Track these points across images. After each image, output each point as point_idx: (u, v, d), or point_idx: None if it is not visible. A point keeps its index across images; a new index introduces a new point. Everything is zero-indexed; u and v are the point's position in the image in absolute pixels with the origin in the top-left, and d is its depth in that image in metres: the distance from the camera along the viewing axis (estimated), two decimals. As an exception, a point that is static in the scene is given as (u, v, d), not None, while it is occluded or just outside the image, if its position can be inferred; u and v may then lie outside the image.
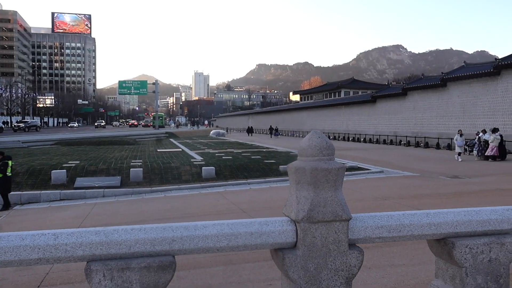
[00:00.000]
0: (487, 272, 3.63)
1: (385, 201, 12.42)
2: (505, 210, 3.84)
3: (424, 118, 46.45)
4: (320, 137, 3.42)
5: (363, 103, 59.94)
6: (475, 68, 41.18)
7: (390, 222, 3.50)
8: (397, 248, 7.51)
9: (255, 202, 13.34)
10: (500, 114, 36.40)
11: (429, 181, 17.07)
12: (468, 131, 37.02)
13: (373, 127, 56.17)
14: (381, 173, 19.93)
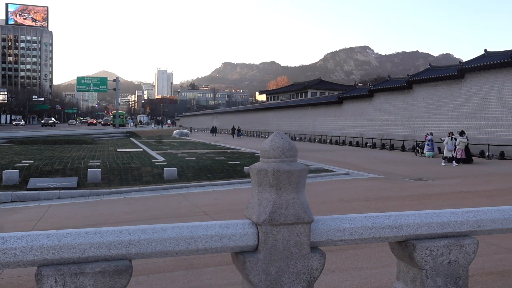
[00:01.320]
0: (446, 274, 3.65)
1: (350, 204, 12.52)
2: (465, 212, 3.88)
3: (390, 120, 47.28)
4: (283, 138, 3.36)
5: (329, 104, 60.54)
6: (440, 71, 42.22)
7: (352, 225, 3.48)
8: (362, 251, 7.56)
9: (218, 204, 13.22)
10: (464, 117, 37.41)
11: (394, 183, 17.34)
12: (434, 133, 37.92)
13: (340, 129, 56.81)
14: (346, 175, 20.12)
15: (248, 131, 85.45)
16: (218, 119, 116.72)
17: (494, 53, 36.86)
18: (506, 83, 33.67)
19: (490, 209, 4.03)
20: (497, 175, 20.06)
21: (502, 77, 34.04)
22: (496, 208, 4.07)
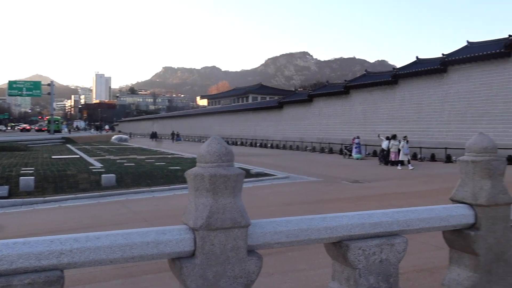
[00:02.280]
0: (378, 272, 3.79)
1: (289, 207, 12.71)
2: (395, 212, 4.05)
3: (328, 125, 48.46)
4: (220, 143, 3.37)
5: (270, 109, 61.23)
6: (375, 76, 43.83)
7: (289, 227, 3.54)
8: (300, 253, 7.68)
9: (158, 210, 13.01)
10: (398, 121, 39.01)
11: (332, 186, 17.79)
12: (369, 137, 39.27)
13: (281, 133, 57.55)
14: (287, 179, 20.42)
15: (189, 136, 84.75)
16: (159, 124, 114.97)
17: (425, 60, 38.77)
18: (436, 88, 35.48)
19: (418, 209, 4.23)
20: (429, 177, 21.06)
21: (433, 83, 35.85)
22: (424, 208, 4.29)
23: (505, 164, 4.48)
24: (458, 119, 33.37)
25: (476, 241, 4.25)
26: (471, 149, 4.48)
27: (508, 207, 4.42)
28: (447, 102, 34.45)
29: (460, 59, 33.11)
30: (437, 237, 8.45)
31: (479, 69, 32.10)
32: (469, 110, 32.60)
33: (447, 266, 4.66)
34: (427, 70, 35.87)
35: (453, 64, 33.96)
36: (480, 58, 31.62)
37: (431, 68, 35.49)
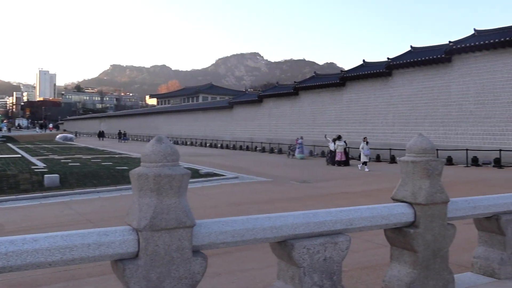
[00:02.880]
0: (322, 270, 3.87)
1: (238, 207, 12.73)
2: (339, 211, 4.15)
3: (278, 125, 48.91)
4: (165, 142, 3.33)
5: (221, 109, 61.13)
6: (324, 78, 44.68)
7: (234, 227, 3.55)
8: (248, 252, 7.71)
9: (104, 211, 12.69)
10: (345, 122, 39.93)
11: (281, 186, 17.96)
12: (318, 138, 39.96)
13: (231, 133, 57.55)
14: (236, 179, 20.44)
15: (138, 135, 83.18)
16: (106, 123, 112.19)
17: (371, 64, 39.90)
18: (382, 91, 36.61)
19: (361, 208, 4.35)
20: (374, 176, 21.67)
21: (378, 85, 36.96)
22: (366, 207, 4.41)
23: (443, 164, 4.68)
24: (402, 121, 34.56)
25: (415, 238, 4.42)
26: (411, 150, 4.65)
27: (445, 206, 4.62)
28: (392, 105, 35.61)
29: (404, 63, 34.32)
30: (381, 235, 8.70)
31: (421, 73, 33.39)
32: (412, 112, 33.83)
33: (389, 263, 4.82)
34: (373, 73, 36.95)
35: (397, 68, 35.15)
36: (422, 62, 32.91)
37: (377, 72, 36.59)
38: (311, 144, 41.37)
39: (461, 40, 31.38)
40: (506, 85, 27.93)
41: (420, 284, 4.43)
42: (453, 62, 31.24)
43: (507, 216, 5.18)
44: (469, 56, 30.24)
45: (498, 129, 28.15)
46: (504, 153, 26.33)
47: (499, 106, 28.24)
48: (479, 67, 29.59)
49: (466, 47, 29.96)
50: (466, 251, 6.90)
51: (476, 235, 5.54)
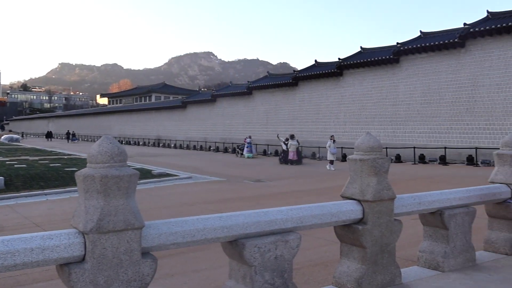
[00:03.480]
0: (273, 268, 3.89)
1: (191, 207, 12.64)
2: (289, 210, 4.19)
3: (232, 125, 48.90)
4: (112, 142, 3.25)
5: (174, 109, 60.47)
6: (277, 78, 45.03)
7: (184, 228, 3.51)
8: (202, 253, 7.67)
9: (52, 214, 12.28)
10: (298, 121, 40.40)
11: (234, 185, 17.97)
12: (271, 137, 40.24)
13: (184, 133, 57.06)
14: (189, 179, 20.29)
15: (88, 136, 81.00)
16: (55, 124, 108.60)
17: (323, 64, 40.57)
18: (333, 91, 37.31)
19: (311, 206, 4.41)
20: (326, 175, 22.07)
21: (330, 85, 37.63)
22: (316, 204, 4.48)
23: (389, 162, 4.82)
24: (353, 120, 35.35)
25: (364, 234, 4.53)
26: (359, 148, 4.77)
27: (392, 202, 4.76)
28: (343, 104, 36.35)
29: (354, 64, 35.11)
30: (332, 232, 8.86)
31: (371, 73, 34.27)
32: (362, 112, 34.67)
33: (339, 259, 4.92)
34: (325, 73, 37.59)
35: (348, 68, 35.92)
36: (372, 63, 33.77)
37: (329, 72, 37.26)
38: (264, 143, 41.66)
39: (408, 41, 32.43)
40: (450, 85, 29.10)
41: (369, 279, 4.55)
42: (401, 63, 32.25)
43: (450, 211, 5.39)
44: (416, 57, 31.30)
45: (443, 127, 29.30)
46: (449, 151, 27.44)
47: (444, 105, 29.39)
48: (425, 68, 30.69)
49: (413, 48, 30.99)
50: (413, 245, 7.13)
51: (422, 230, 5.74)
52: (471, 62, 28.13)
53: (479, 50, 27.76)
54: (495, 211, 6.16)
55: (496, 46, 26.95)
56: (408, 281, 4.93)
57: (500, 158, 6.25)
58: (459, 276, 5.12)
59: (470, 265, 5.52)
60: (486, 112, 27.09)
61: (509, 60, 26.26)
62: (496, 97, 26.66)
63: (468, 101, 28.09)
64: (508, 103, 26.09)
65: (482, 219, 6.66)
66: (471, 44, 28.18)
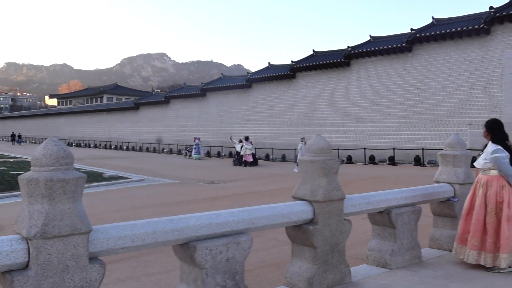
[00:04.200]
0: (225, 270, 3.90)
1: (143, 210, 12.44)
2: (241, 211, 4.20)
3: (186, 126, 48.52)
4: (57, 145, 3.16)
5: (126, 110, 59.39)
6: (231, 80, 45.06)
7: (134, 231, 3.45)
8: (154, 256, 7.56)
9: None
10: (252, 123, 40.57)
11: (188, 188, 17.84)
12: (225, 138, 40.20)
13: (137, 135, 56.14)
14: (142, 182, 19.98)
15: (36, 138, 78.15)
16: (0, 125, 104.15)
17: (276, 66, 40.95)
18: (287, 93, 37.71)
19: (262, 207, 4.44)
20: (279, 176, 22.28)
21: (283, 87, 38.02)
22: (268, 206, 4.52)
23: (339, 163, 4.93)
24: (306, 122, 35.86)
25: (314, 234, 4.61)
26: (310, 149, 4.84)
27: (341, 202, 4.87)
28: (296, 106, 36.81)
29: (307, 66, 35.64)
30: (285, 233, 9.01)
31: (323, 76, 34.89)
32: (315, 114, 35.23)
33: (291, 259, 4.97)
34: (278, 75, 37.95)
35: (301, 71, 36.42)
36: (324, 66, 34.39)
37: (282, 74, 37.64)
38: (218, 145, 41.59)
39: (358, 45, 33.24)
40: (398, 88, 30.05)
41: (319, 278, 4.63)
42: (352, 66, 33.00)
43: (397, 210, 5.56)
44: (366, 60, 32.12)
45: (392, 129, 30.21)
46: (397, 151, 28.33)
47: (392, 108, 30.31)
48: (375, 71, 31.55)
49: (363, 52, 31.79)
50: (363, 244, 7.31)
51: (371, 229, 5.89)
52: (417, 66, 29.17)
53: (425, 55, 28.82)
54: (439, 209, 6.41)
55: (440, 51, 28.07)
56: (357, 279, 5.05)
57: (443, 158, 6.51)
58: (406, 273, 5.30)
59: (416, 262, 5.71)
60: (432, 114, 28.15)
61: (452, 64, 27.41)
62: (441, 99, 27.75)
63: (415, 104, 29.10)
64: (452, 105, 27.22)
65: (427, 217, 6.92)
66: (417, 48, 29.22)
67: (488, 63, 25.88)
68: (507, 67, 25.00)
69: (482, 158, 5.55)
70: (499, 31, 25.45)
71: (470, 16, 28.09)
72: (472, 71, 26.49)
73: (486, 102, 25.81)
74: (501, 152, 5.37)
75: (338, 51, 35.22)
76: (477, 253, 5.31)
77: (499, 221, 5.27)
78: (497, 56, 25.47)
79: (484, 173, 5.52)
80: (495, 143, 5.47)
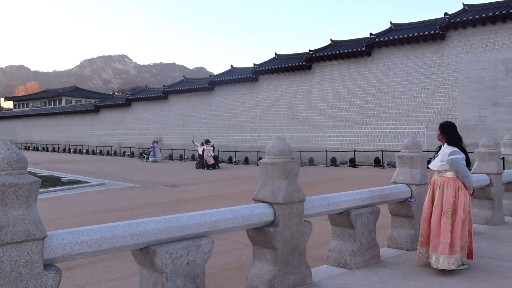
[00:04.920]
0: (185, 274, 3.87)
1: (104, 215, 12.21)
2: (201, 214, 4.18)
3: (147, 129, 47.91)
4: (10, 148, 3.07)
5: (86, 113, 58.14)
6: (193, 82, 44.78)
7: (91, 237, 3.39)
8: (114, 261, 7.44)
9: None
10: (214, 126, 40.45)
11: (150, 191, 17.61)
12: (187, 141, 39.93)
13: (97, 138, 55.04)
14: (102, 186, 19.61)
15: (-10, 141, 75.31)
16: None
17: (239, 69, 40.99)
18: (249, 96, 37.81)
19: (223, 210, 4.44)
20: (242, 179, 22.29)
21: (246, 90, 38.10)
22: (228, 208, 4.52)
23: (299, 165, 4.98)
24: (268, 124, 36.05)
25: (275, 236, 4.64)
26: (270, 152, 4.87)
27: (302, 204, 4.92)
28: (259, 109, 36.95)
29: (269, 69, 35.85)
30: (247, 235, 9.04)
31: (285, 79, 35.17)
32: (277, 116, 35.46)
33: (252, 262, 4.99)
34: (241, 78, 37.99)
35: (263, 74, 36.59)
36: (286, 69, 34.67)
37: (245, 77, 37.71)
38: (181, 148, 41.26)
39: (320, 49, 33.67)
40: (358, 91, 30.63)
41: (280, 280, 4.66)
42: (313, 69, 33.41)
43: (356, 211, 5.67)
44: (327, 64, 32.59)
45: (353, 131, 30.76)
46: (358, 154, 28.85)
47: (353, 111, 30.86)
48: (336, 75, 32.05)
49: (324, 55, 32.24)
50: (325, 245, 7.40)
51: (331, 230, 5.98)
52: (377, 70, 29.82)
53: (384, 59, 29.50)
54: (397, 210, 6.57)
55: (398, 55, 28.81)
56: (318, 279, 5.11)
57: (400, 160, 6.68)
58: (365, 272, 5.40)
59: (375, 261, 5.83)
60: (391, 117, 28.82)
61: (410, 68, 28.17)
62: (399, 102, 28.47)
63: (375, 107, 29.72)
64: (410, 108, 27.96)
65: (386, 217, 7.08)
66: (376, 53, 29.88)
67: (443, 67, 26.73)
68: (461, 72, 25.91)
69: (438, 160, 5.66)
70: (454, 36, 26.35)
71: (427, 22, 28.95)
72: (429, 75, 27.30)
73: (442, 105, 26.63)
74: (458, 154, 5.51)
75: (300, 54, 35.59)
76: (435, 254, 5.43)
77: (454, 222, 5.41)
78: (452, 61, 26.35)
79: (440, 175, 5.64)
80: (451, 145, 5.60)
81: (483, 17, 24.56)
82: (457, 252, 5.32)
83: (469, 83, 25.55)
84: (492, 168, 8.39)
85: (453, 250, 5.33)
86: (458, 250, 5.33)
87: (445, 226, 5.40)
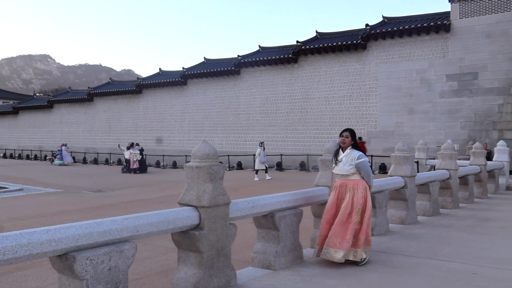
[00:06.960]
0: (107, 280, 3.80)
1: (22, 222, 11.61)
2: (124, 219, 4.13)
3: (71, 132, 46.08)
4: None
5: (4, 115, 54.91)
6: (120, 85, 43.59)
7: (5, 244, 3.25)
8: (32, 270, 7.13)
9: None
10: (142, 129, 39.63)
11: (72, 197, 16.96)
12: (113, 145, 38.83)
13: (16, 141, 52.20)
14: (21, 191, 18.65)
15: None
16: None
17: (167, 72, 40.51)
18: (178, 99, 37.46)
19: (147, 214, 4.41)
20: (169, 183, 22.03)
21: (174, 94, 37.72)
22: (153, 212, 4.50)
23: (224, 169, 5.04)
24: (197, 129, 35.90)
25: (200, 239, 4.67)
26: (195, 155, 4.91)
27: (227, 207, 4.99)
28: (188, 113, 36.71)
29: (198, 74, 35.74)
30: (173, 240, 8.97)
31: (214, 83, 35.22)
32: (206, 120, 35.41)
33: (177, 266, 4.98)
34: (170, 81, 37.56)
35: (192, 78, 36.41)
36: (215, 74, 34.73)
37: (173, 80, 37.31)
38: (107, 151, 40.07)
39: (248, 54, 34.08)
40: (285, 96, 31.31)
41: (205, 283, 4.69)
42: (242, 75, 33.72)
43: (280, 213, 5.82)
44: (255, 69, 33.04)
45: (280, 136, 31.38)
46: (285, 157, 29.51)
47: (280, 115, 31.50)
48: (264, 80, 32.57)
49: (252, 61, 32.66)
50: (251, 248, 7.53)
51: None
52: (303, 77, 30.65)
53: (310, 66, 30.40)
54: (319, 211, 6.81)
55: (323, 63, 29.80)
56: (242, 281, 5.20)
57: (322, 163, 6.94)
58: (288, 273, 5.56)
59: (298, 262, 6.02)
60: (316, 122, 29.73)
61: (334, 76, 29.23)
62: (324, 108, 29.43)
63: (301, 112, 30.52)
64: (334, 114, 29.00)
65: (309, 219, 7.32)
66: (303, 60, 30.72)
67: (364, 75, 27.99)
68: (380, 80, 27.27)
69: (346, 164, 5.98)
70: (374, 46, 27.68)
71: (350, 32, 30.18)
72: (351, 83, 28.47)
73: (363, 112, 27.86)
74: (364, 157, 6.00)
75: (229, 59, 35.80)
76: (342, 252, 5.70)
77: (362, 219, 5.86)
78: (372, 70, 27.67)
79: (347, 178, 6.00)
80: (356, 149, 6.05)
81: (400, 29, 26.03)
82: (361, 246, 5.80)
83: (388, 91, 26.95)
84: (407, 171, 8.93)
85: (358, 244, 5.79)
86: (362, 244, 5.80)
87: (354, 224, 5.79)
